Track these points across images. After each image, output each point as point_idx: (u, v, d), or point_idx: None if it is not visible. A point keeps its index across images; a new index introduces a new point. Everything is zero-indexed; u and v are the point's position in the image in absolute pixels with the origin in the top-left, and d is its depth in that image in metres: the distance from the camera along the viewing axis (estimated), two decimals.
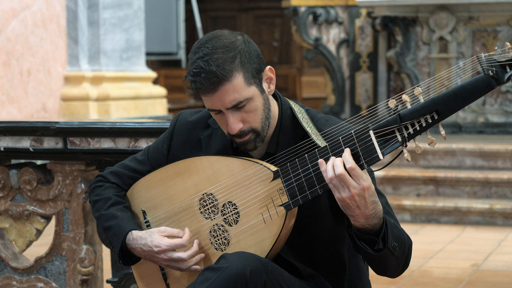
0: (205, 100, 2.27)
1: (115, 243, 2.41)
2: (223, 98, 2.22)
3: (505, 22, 7.94)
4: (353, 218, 2.15)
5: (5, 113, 7.00)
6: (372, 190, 2.13)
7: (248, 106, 2.25)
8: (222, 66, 2.21)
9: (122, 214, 2.43)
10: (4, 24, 7.04)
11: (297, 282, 2.29)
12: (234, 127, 2.25)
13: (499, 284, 4.63)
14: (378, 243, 2.16)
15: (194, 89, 2.25)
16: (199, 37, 13.77)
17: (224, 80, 2.21)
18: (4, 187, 3.40)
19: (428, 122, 2.10)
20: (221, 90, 2.21)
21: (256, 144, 2.29)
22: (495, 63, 2.05)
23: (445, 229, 6.24)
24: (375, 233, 2.16)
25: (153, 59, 12.81)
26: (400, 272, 2.29)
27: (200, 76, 2.22)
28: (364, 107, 8.69)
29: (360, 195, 2.11)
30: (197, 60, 2.24)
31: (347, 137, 2.14)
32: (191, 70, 2.25)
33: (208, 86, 2.21)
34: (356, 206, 2.11)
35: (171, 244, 2.32)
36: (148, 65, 8.83)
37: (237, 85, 2.22)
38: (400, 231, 2.24)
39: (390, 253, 2.18)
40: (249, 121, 2.26)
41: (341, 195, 2.11)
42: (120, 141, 3.19)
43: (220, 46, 2.24)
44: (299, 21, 8.72)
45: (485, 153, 6.90)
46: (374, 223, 2.15)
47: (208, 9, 14.66)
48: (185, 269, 2.33)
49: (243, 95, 2.24)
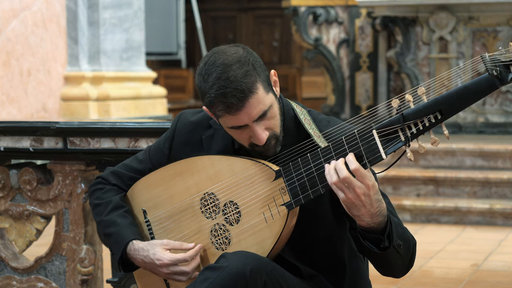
0: (229, 120, 2.23)
1: (116, 251, 2.41)
2: (250, 112, 2.20)
3: (505, 22, 7.94)
4: (359, 217, 2.15)
5: (5, 113, 7.00)
6: (377, 188, 2.13)
7: (270, 113, 2.25)
8: (245, 81, 2.19)
9: (122, 221, 2.43)
10: (4, 24, 7.03)
11: (297, 282, 2.28)
12: (263, 137, 2.23)
13: (499, 284, 4.63)
14: (384, 241, 2.16)
15: (223, 111, 2.20)
16: (199, 37, 13.62)
17: (250, 94, 2.19)
18: (4, 187, 3.40)
19: (431, 122, 2.09)
20: (248, 104, 2.20)
21: (276, 149, 2.29)
22: (499, 63, 2.05)
23: (445, 229, 6.24)
24: (381, 232, 2.17)
25: (153, 59, 12.80)
26: (405, 271, 2.29)
27: (226, 96, 2.18)
28: (364, 107, 8.69)
29: (366, 194, 2.11)
30: (216, 82, 2.20)
31: (350, 137, 2.14)
32: (211, 93, 2.20)
33: (237, 104, 2.18)
34: (362, 205, 2.11)
35: (174, 259, 2.31)
36: (148, 65, 8.82)
37: (260, 96, 2.21)
38: (404, 229, 2.24)
39: (395, 251, 2.18)
40: (271, 127, 2.26)
41: (346, 195, 2.11)
42: (120, 141, 3.18)
43: (231, 63, 2.21)
44: (299, 21, 8.72)
45: (485, 153, 6.89)
46: (379, 221, 2.15)
47: (208, 9, 14.65)
48: (185, 281, 2.33)
49: (267, 104, 2.23)
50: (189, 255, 2.31)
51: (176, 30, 13.54)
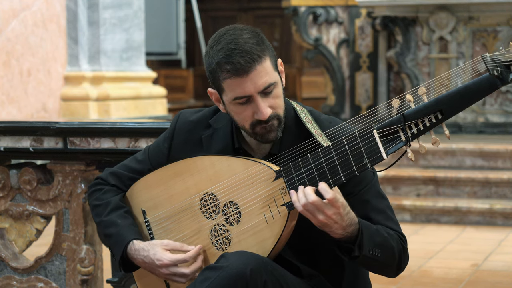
0: (234, 87, 2.22)
1: (116, 251, 2.41)
2: (256, 80, 2.21)
3: (505, 22, 7.94)
4: (332, 232, 2.18)
5: (5, 113, 7.00)
6: (345, 203, 2.15)
7: (275, 91, 2.25)
8: (255, 47, 2.21)
9: (122, 221, 2.42)
10: (4, 24, 7.03)
11: (297, 282, 2.28)
12: (266, 111, 2.23)
13: (499, 284, 4.62)
14: (354, 251, 2.18)
15: (230, 72, 2.20)
16: (199, 37, 13.63)
17: (259, 59, 2.20)
18: (4, 187, 3.39)
19: (432, 122, 2.09)
20: (255, 71, 2.20)
21: (278, 133, 2.28)
22: (500, 63, 2.05)
23: (445, 229, 6.24)
24: (353, 241, 2.19)
25: (153, 59, 12.80)
26: (394, 274, 2.31)
27: (235, 57, 2.19)
28: (364, 107, 8.69)
29: (336, 213, 2.14)
30: (225, 46, 2.21)
31: (350, 137, 2.14)
32: (220, 55, 2.21)
33: (245, 66, 2.19)
34: (334, 222, 2.15)
35: (174, 260, 2.31)
36: (148, 65, 8.82)
37: (268, 67, 2.23)
38: (386, 237, 2.24)
39: (370, 259, 2.20)
40: (275, 106, 2.26)
41: (318, 218, 2.14)
42: (120, 141, 3.18)
43: (242, 33, 2.23)
44: (299, 21, 8.72)
45: (485, 153, 6.89)
46: (351, 230, 2.18)
47: (208, 9, 14.65)
48: (185, 282, 2.32)
49: (273, 78, 2.24)
50: (189, 256, 2.30)
51: (176, 30, 13.54)
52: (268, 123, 2.25)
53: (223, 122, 2.41)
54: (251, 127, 2.27)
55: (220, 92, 2.29)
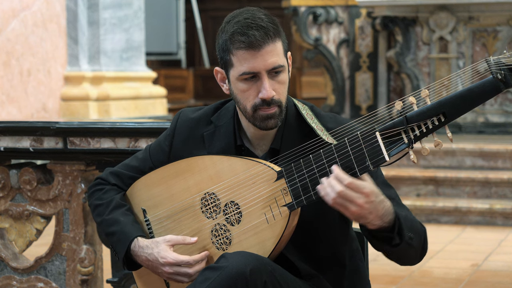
0: (244, 60, 2.23)
1: (119, 249, 2.39)
2: (267, 58, 2.21)
3: (505, 22, 7.94)
4: (369, 223, 2.15)
5: (5, 113, 7.00)
6: (377, 191, 2.13)
7: (282, 76, 2.26)
8: (272, 25, 2.23)
9: (125, 219, 2.41)
10: (4, 24, 7.03)
11: (297, 282, 2.28)
12: (270, 91, 2.23)
13: (499, 284, 4.63)
14: (395, 239, 2.17)
15: (243, 43, 2.21)
16: (199, 37, 13.60)
17: (274, 38, 2.23)
18: (4, 187, 3.39)
19: (435, 124, 2.09)
20: (268, 47, 2.21)
21: (278, 121, 2.28)
22: (503, 66, 2.05)
23: (445, 229, 6.24)
24: (391, 229, 2.17)
25: (153, 59, 12.80)
26: (419, 259, 2.33)
27: (251, 30, 2.21)
28: (364, 107, 8.69)
29: (368, 202, 2.10)
30: (243, 20, 2.24)
31: (353, 139, 2.14)
32: (237, 26, 2.24)
33: (259, 40, 2.20)
34: (369, 212, 2.11)
35: (178, 260, 2.30)
36: (148, 65, 8.82)
37: (279, 48, 2.24)
38: (413, 221, 2.25)
39: (407, 245, 2.19)
40: (279, 92, 2.26)
41: (351, 210, 2.11)
42: (120, 141, 3.18)
43: (261, 13, 2.26)
44: (299, 21, 8.72)
45: (485, 153, 6.89)
46: (389, 219, 2.15)
47: (208, 9, 14.64)
48: (187, 282, 2.32)
49: (282, 61, 2.25)
50: (193, 259, 2.29)
51: (176, 30, 13.53)
52: (270, 106, 2.25)
53: (225, 119, 2.40)
54: (253, 108, 2.27)
55: (227, 68, 2.29)
